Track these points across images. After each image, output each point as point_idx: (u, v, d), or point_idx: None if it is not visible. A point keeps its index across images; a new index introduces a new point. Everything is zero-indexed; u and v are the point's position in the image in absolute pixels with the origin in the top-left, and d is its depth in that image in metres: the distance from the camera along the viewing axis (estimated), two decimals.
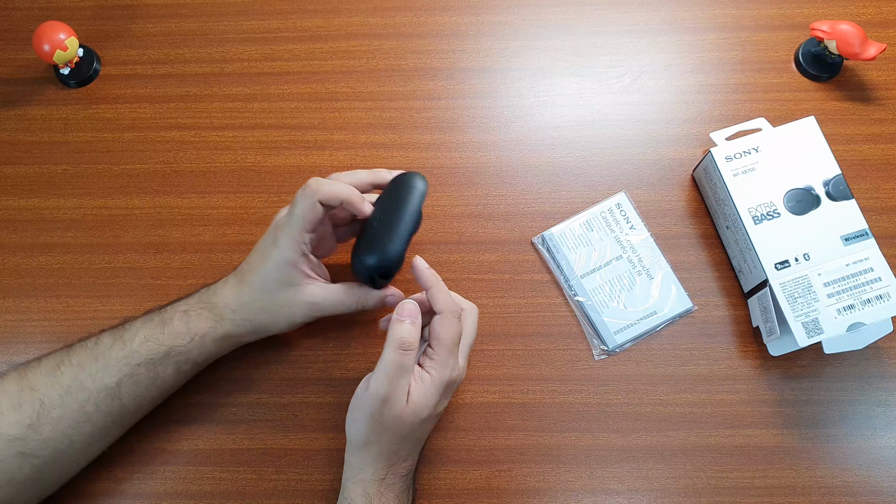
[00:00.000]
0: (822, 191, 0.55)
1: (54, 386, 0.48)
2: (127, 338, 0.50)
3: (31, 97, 0.67)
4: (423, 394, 0.47)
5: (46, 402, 0.47)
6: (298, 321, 0.52)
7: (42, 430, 0.47)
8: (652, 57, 0.67)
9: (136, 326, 0.51)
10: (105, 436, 0.50)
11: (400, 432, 0.47)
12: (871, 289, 0.53)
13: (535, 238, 0.61)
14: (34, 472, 0.47)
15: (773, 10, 0.68)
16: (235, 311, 0.51)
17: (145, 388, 0.50)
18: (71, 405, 0.48)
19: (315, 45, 0.68)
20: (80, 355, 0.49)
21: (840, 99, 0.65)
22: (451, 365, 0.48)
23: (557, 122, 0.65)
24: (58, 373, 0.48)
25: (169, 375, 0.51)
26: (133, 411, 0.51)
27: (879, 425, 0.56)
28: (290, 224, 0.49)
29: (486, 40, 0.68)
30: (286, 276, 0.50)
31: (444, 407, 0.49)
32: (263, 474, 0.55)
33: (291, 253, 0.49)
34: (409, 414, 0.46)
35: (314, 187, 0.49)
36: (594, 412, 0.56)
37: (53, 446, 0.47)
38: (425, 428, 0.49)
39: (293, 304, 0.51)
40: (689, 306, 0.59)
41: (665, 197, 0.62)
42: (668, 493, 0.54)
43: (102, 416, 0.49)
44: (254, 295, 0.51)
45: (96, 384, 0.48)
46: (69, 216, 0.63)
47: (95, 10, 0.70)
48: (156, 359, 0.49)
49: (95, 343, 0.50)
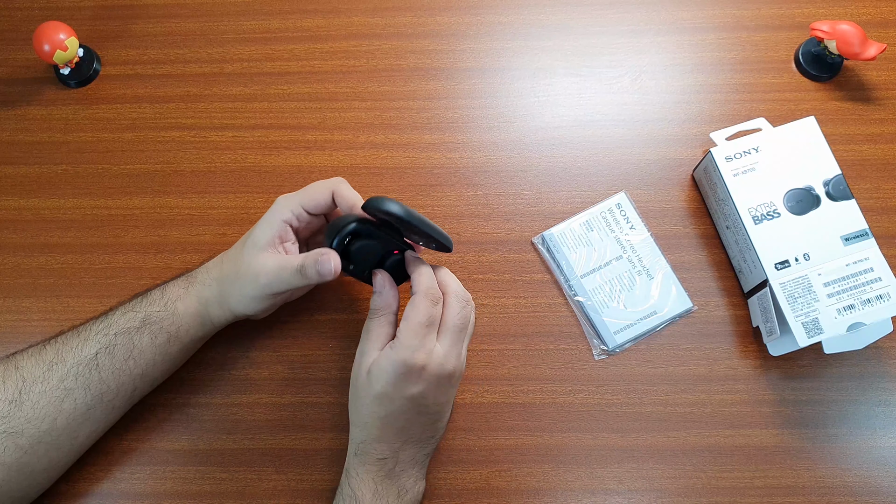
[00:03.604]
0: (822, 191, 0.55)
1: (38, 363, 0.49)
2: (109, 313, 0.51)
3: (31, 97, 0.67)
4: (379, 366, 0.47)
5: (28, 378, 0.48)
6: (249, 292, 0.50)
7: (24, 407, 0.47)
8: (652, 57, 0.67)
9: (120, 305, 0.52)
10: (88, 416, 0.50)
11: (363, 401, 0.48)
12: (871, 289, 0.53)
13: (535, 238, 0.61)
14: (21, 454, 0.47)
15: (773, 10, 0.68)
16: (210, 271, 0.53)
17: (122, 360, 0.50)
18: (52, 380, 0.48)
19: (315, 45, 0.68)
20: (66, 334, 0.51)
21: (840, 99, 0.65)
22: (413, 347, 0.46)
23: (557, 122, 0.65)
24: (43, 351, 0.50)
25: (145, 346, 0.50)
26: (114, 389, 0.50)
27: (879, 425, 0.56)
28: (293, 195, 0.51)
29: (486, 40, 0.68)
30: (263, 235, 0.50)
31: (416, 392, 0.47)
32: (263, 474, 0.55)
33: (278, 216, 0.50)
34: (364, 381, 0.48)
35: (337, 181, 0.51)
36: (594, 412, 0.56)
37: (36, 424, 0.48)
38: (388, 408, 0.47)
39: (249, 266, 0.50)
40: (689, 306, 0.59)
41: (665, 197, 0.62)
42: (668, 493, 0.54)
43: (82, 390, 0.49)
44: (231, 253, 0.52)
45: (75, 357, 0.49)
46: (69, 216, 0.63)
47: (95, 10, 0.70)
48: (132, 328, 0.50)
49: (83, 323, 0.52)
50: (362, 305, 0.60)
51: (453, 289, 0.50)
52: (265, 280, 0.49)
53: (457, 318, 0.49)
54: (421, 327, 0.47)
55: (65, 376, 0.49)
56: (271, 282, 0.49)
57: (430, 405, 0.49)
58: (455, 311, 0.49)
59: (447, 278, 0.51)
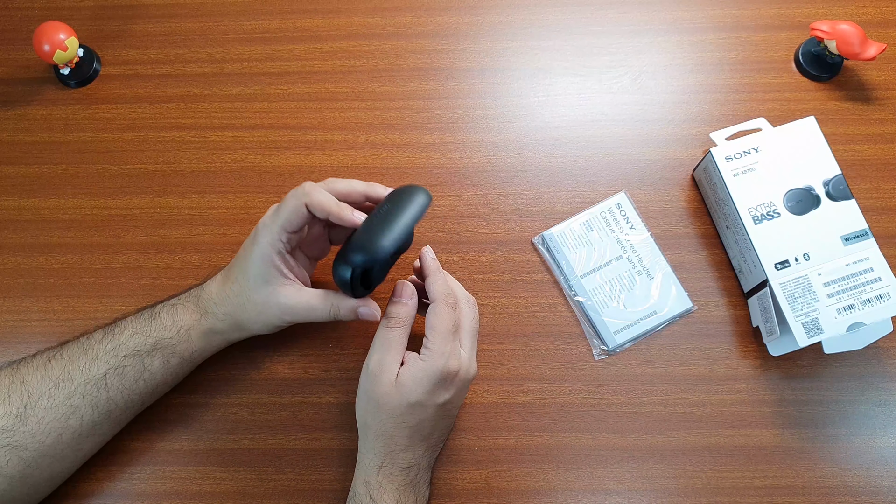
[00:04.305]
0: (822, 191, 0.55)
1: (44, 379, 0.49)
2: (117, 331, 0.51)
3: (31, 97, 0.67)
4: (412, 377, 0.47)
5: (34, 394, 0.48)
6: (274, 322, 0.51)
7: (29, 422, 0.47)
8: (652, 57, 0.67)
9: (126, 321, 0.52)
10: (94, 431, 0.50)
11: (391, 413, 0.47)
12: (871, 289, 0.53)
13: (535, 238, 0.61)
14: (24, 467, 0.47)
15: (773, 10, 0.68)
16: (218, 306, 0.52)
17: (132, 381, 0.50)
18: (58, 397, 0.48)
19: (315, 45, 0.68)
20: (70, 350, 0.50)
21: (840, 99, 0.65)
22: (447, 354, 0.47)
23: (557, 122, 0.65)
24: (48, 366, 0.49)
25: (156, 369, 0.50)
26: (122, 406, 0.50)
27: (879, 425, 0.56)
28: (272, 222, 0.49)
29: (486, 40, 0.68)
30: (263, 272, 0.49)
31: (446, 399, 0.48)
32: (263, 474, 0.55)
33: (268, 249, 0.49)
34: (397, 393, 0.47)
35: (306, 190, 0.48)
36: (594, 412, 0.56)
37: (41, 439, 0.47)
38: (420, 416, 0.48)
39: (267, 303, 0.50)
40: (689, 306, 0.59)
41: (665, 197, 0.62)
42: (668, 493, 0.54)
43: (90, 408, 0.49)
44: (235, 289, 0.51)
45: (83, 376, 0.49)
46: (69, 216, 0.63)
47: (95, 10, 0.70)
48: (143, 350, 0.50)
49: (87, 338, 0.51)
50: None
51: (462, 293, 0.51)
52: (290, 318, 0.51)
53: (472, 323, 0.50)
54: (449, 334, 0.48)
55: (72, 394, 0.48)
56: (298, 316, 0.50)
57: (453, 409, 0.51)
58: (470, 316, 0.50)
59: (451, 283, 0.51)
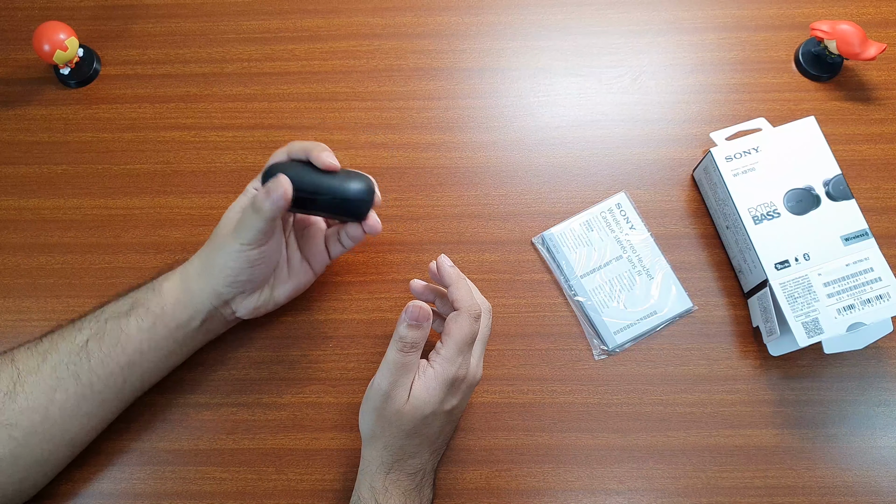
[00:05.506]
0: (822, 191, 0.55)
1: (33, 354, 0.50)
2: (103, 304, 0.52)
3: (31, 97, 0.67)
4: (426, 388, 0.47)
5: (24, 370, 0.49)
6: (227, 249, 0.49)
7: (18, 398, 0.48)
8: (652, 57, 0.67)
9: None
10: (80, 409, 0.50)
11: (402, 427, 0.47)
12: (871, 289, 0.53)
13: (535, 238, 0.61)
14: (14, 446, 0.48)
15: (773, 10, 0.68)
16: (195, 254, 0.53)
17: (110, 346, 0.50)
18: (45, 370, 0.49)
19: (315, 45, 0.68)
20: (62, 327, 0.52)
21: (840, 99, 0.65)
22: (459, 363, 0.47)
23: (557, 122, 0.65)
24: (39, 343, 0.50)
25: (132, 331, 0.50)
26: (103, 379, 0.50)
27: (879, 425, 0.56)
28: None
29: (486, 40, 0.68)
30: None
31: (453, 405, 0.48)
32: (263, 474, 0.55)
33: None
34: (410, 409, 0.47)
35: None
36: (594, 412, 0.56)
37: (30, 416, 0.48)
38: (430, 424, 0.48)
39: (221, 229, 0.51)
40: (689, 306, 0.59)
41: (665, 197, 0.62)
42: (668, 493, 0.54)
43: (73, 379, 0.49)
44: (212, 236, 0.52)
45: (69, 345, 0.50)
46: (69, 216, 0.63)
47: (95, 10, 0.70)
48: (121, 312, 0.51)
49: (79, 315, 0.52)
50: (361, 305, 0.60)
51: (484, 304, 0.51)
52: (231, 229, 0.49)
53: (486, 330, 0.51)
54: (465, 345, 0.48)
55: (57, 365, 0.49)
56: (240, 231, 0.48)
57: (459, 413, 0.51)
58: (485, 325, 0.51)
59: (474, 291, 0.51)
